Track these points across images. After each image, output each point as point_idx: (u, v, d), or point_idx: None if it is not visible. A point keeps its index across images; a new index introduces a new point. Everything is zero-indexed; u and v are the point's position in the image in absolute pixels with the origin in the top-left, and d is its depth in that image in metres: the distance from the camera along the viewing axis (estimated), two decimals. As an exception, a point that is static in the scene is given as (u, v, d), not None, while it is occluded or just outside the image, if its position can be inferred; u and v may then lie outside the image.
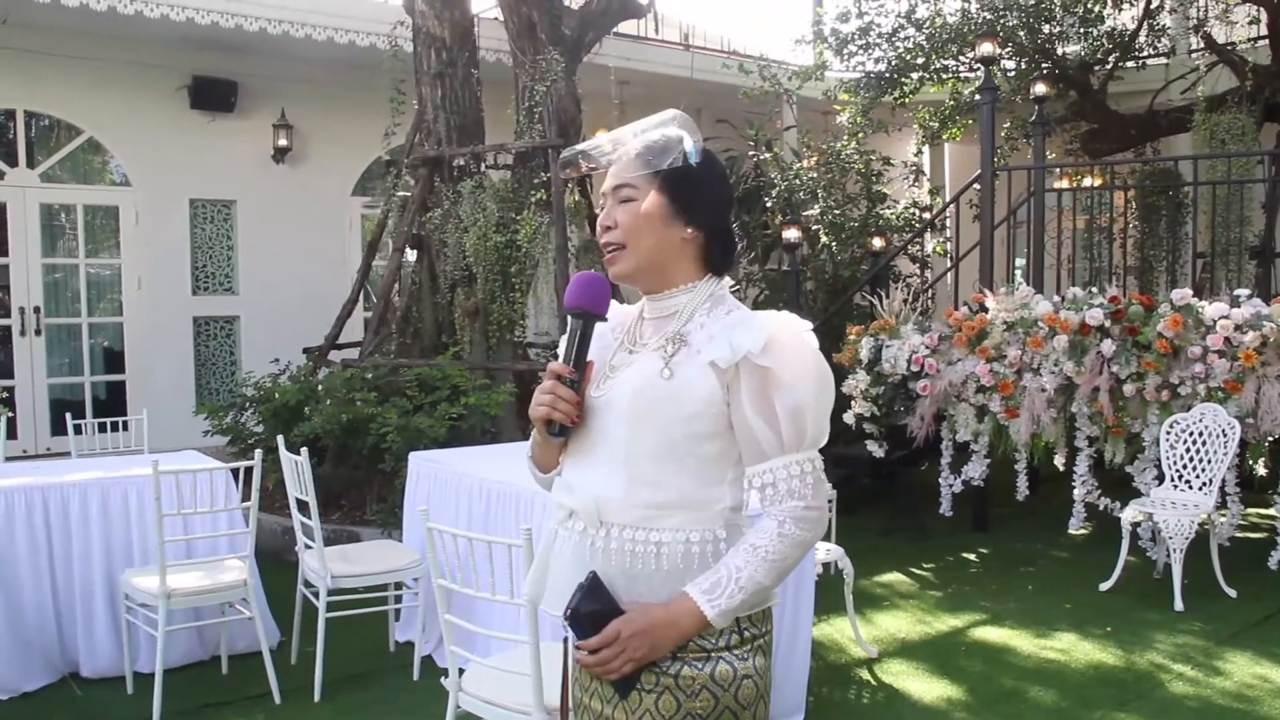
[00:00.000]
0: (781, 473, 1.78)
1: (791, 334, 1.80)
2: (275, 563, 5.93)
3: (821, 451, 1.86)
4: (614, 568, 1.79)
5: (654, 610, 1.74)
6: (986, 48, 7.33)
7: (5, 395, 5.06)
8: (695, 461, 1.79)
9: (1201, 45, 10.27)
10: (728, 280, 1.94)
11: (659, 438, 1.78)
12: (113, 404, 9.21)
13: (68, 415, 6.02)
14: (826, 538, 5.20)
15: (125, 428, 6.20)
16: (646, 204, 1.83)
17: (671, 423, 1.77)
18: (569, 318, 1.86)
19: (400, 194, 8.38)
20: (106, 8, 7.98)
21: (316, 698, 4.35)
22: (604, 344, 1.92)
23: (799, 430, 1.78)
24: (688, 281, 1.88)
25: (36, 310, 9.05)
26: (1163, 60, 10.82)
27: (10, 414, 5.55)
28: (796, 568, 4.13)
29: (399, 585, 4.84)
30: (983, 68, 7.62)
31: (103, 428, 6.12)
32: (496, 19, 8.57)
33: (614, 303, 2.01)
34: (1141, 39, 10.40)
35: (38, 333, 9.06)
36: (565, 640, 1.98)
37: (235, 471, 4.57)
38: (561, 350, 1.88)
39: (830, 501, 5.36)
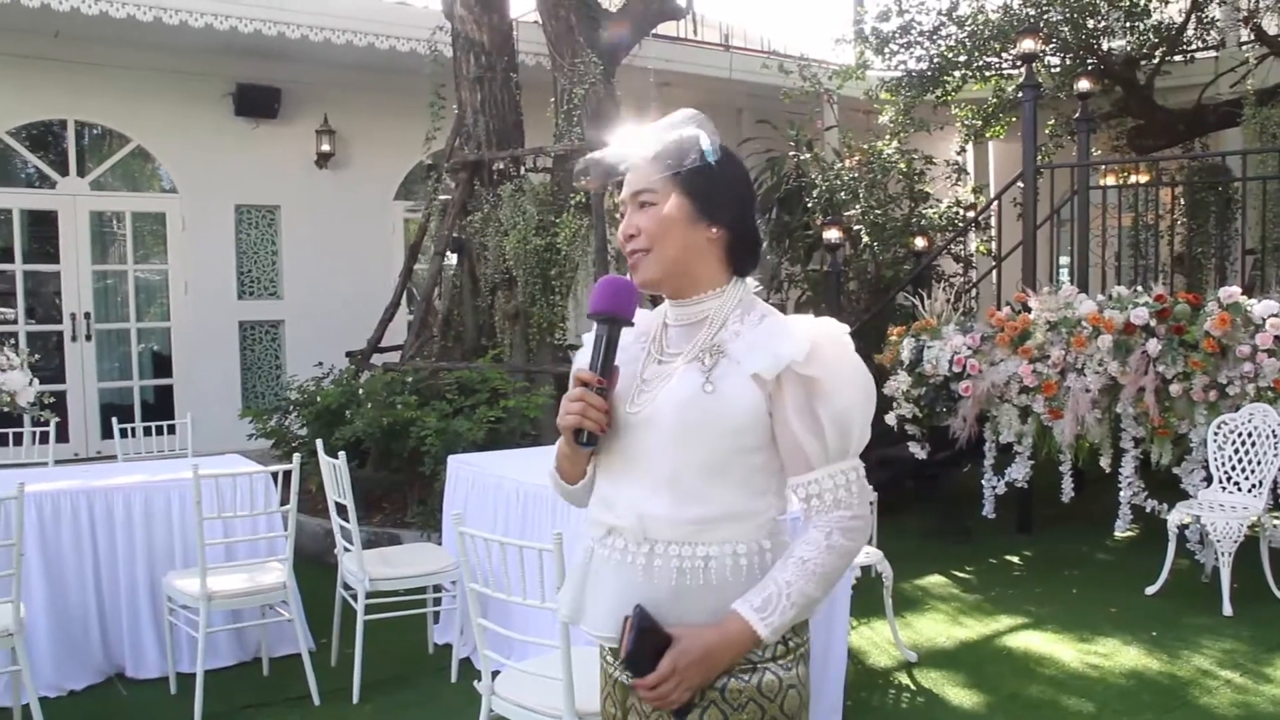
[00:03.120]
0: (827, 483, 1.75)
1: (833, 341, 1.76)
2: (318, 565, 6.00)
3: (864, 453, 1.83)
4: (659, 586, 1.76)
5: (707, 635, 1.71)
6: (1028, 44, 7.24)
7: (54, 400, 5.13)
8: (741, 474, 1.76)
9: (1251, 37, 10.08)
10: (753, 282, 1.89)
11: (706, 453, 1.75)
12: (161, 408, 9.37)
13: (114, 419, 6.11)
14: (868, 540, 5.17)
15: (171, 431, 6.29)
16: (669, 206, 1.79)
17: (718, 437, 1.74)
18: (595, 323, 1.82)
19: (441, 198, 8.45)
20: (152, 18, 8.11)
21: (355, 699, 4.39)
22: (630, 355, 1.87)
23: (844, 439, 1.75)
24: (715, 285, 1.84)
25: (87, 316, 9.23)
26: (1211, 53, 10.62)
27: (57, 419, 5.65)
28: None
29: (438, 588, 4.87)
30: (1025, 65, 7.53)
31: (148, 431, 6.22)
32: (535, 22, 8.60)
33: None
34: (1189, 32, 10.22)
35: (88, 338, 9.23)
36: (600, 650, 1.97)
37: (276, 475, 4.63)
38: (587, 357, 1.83)
39: (871, 504, 5.37)
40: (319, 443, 4.89)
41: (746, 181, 1.91)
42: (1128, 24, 9.96)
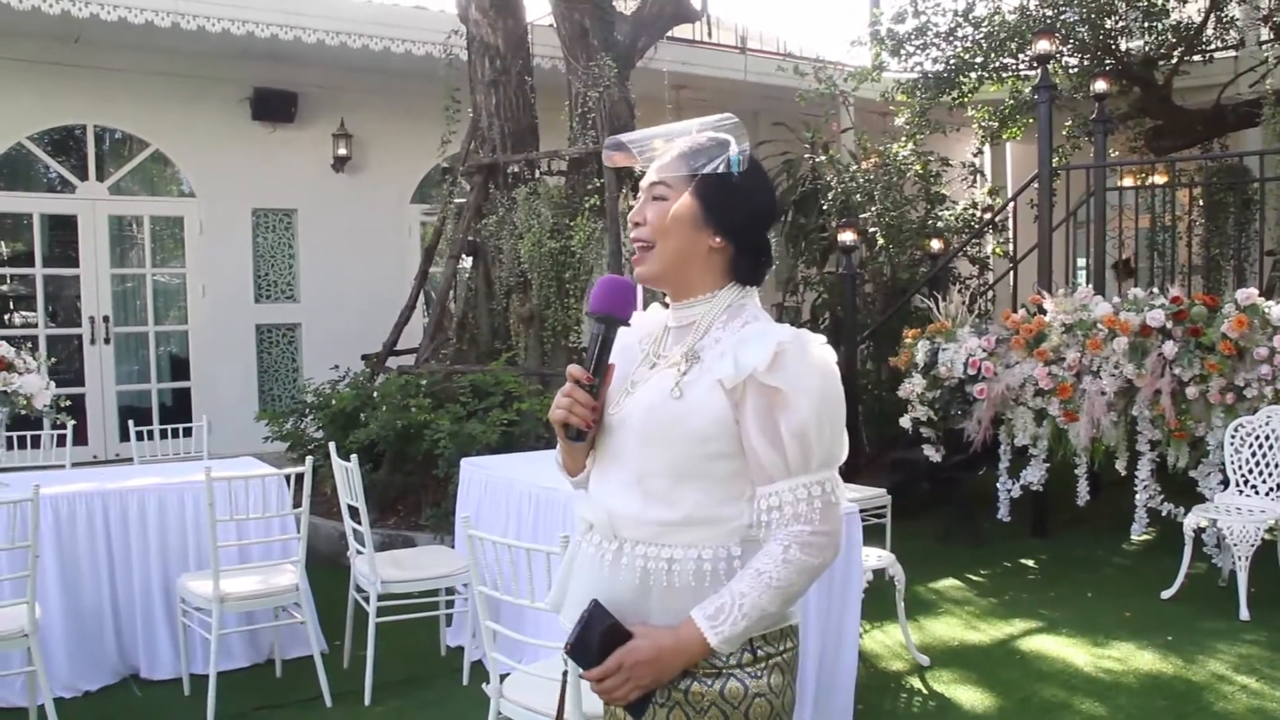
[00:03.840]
0: (788, 496, 1.73)
1: (799, 351, 1.73)
2: (333, 567, 6.02)
3: (878, 456, 1.83)
4: (625, 583, 1.79)
5: (662, 637, 1.73)
6: (1043, 45, 7.20)
7: (69, 404, 5.18)
8: (710, 481, 1.77)
9: (1271, 36, 10.01)
10: (752, 289, 1.88)
11: (672, 458, 1.76)
12: (179, 410, 9.43)
13: (130, 422, 6.15)
14: (881, 544, 5.17)
15: (188, 434, 6.33)
16: (677, 206, 1.80)
17: (683, 444, 1.75)
18: (593, 322, 1.85)
19: (456, 201, 8.48)
20: (170, 24, 8.17)
21: (367, 701, 4.40)
22: (630, 356, 1.90)
23: (805, 452, 1.72)
24: (709, 291, 1.84)
25: (106, 319, 9.29)
26: (1231, 53, 10.54)
27: (74, 422, 5.70)
28: (843, 580, 4.09)
29: (450, 590, 4.88)
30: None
31: (165, 434, 6.26)
32: (550, 25, 8.62)
33: (655, 306, 1.99)
34: (1208, 31, 10.14)
35: (107, 341, 9.30)
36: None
37: (288, 477, 4.65)
38: (587, 355, 1.87)
39: (885, 507, 5.38)
40: (332, 445, 4.92)
41: (767, 198, 1.89)
42: (1146, 24, 9.90)
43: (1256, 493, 5.70)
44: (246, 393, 9.77)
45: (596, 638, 1.74)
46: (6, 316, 9.25)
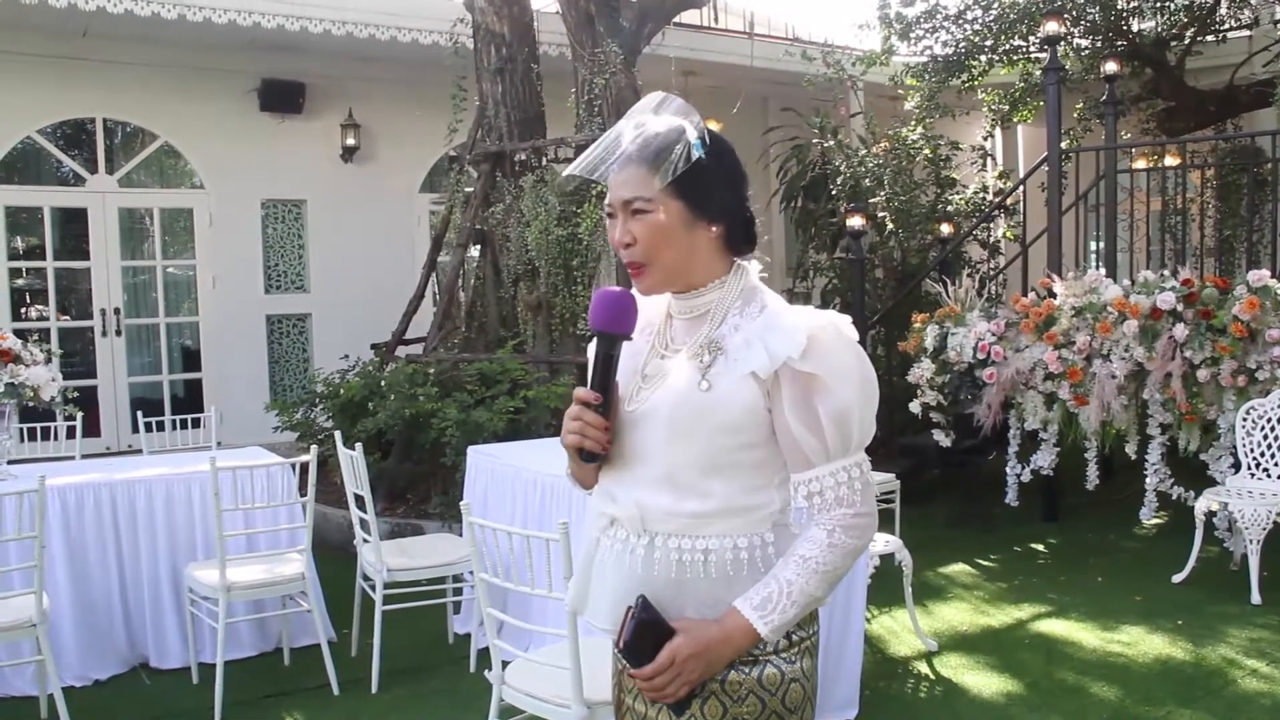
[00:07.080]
0: (829, 480, 1.72)
1: (831, 335, 1.71)
2: (344, 555, 6.03)
3: (888, 441, 1.79)
4: (659, 577, 1.75)
5: (708, 630, 1.70)
6: (1051, 26, 7.13)
7: (76, 395, 5.20)
8: (741, 470, 1.74)
9: (1286, 15, 9.90)
10: (756, 266, 1.84)
11: (701, 450, 1.72)
12: (190, 401, 9.45)
13: (139, 413, 6.17)
14: (891, 529, 5.16)
15: (197, 425, 6.35)
16: (666, 215, 1.73)
17: (713, 435, 1.71)
18: (595, 339, 1.79)
19: (464, 190, 8.46)
20: (176, 15, 8.17)
21: (374, 689, 4.42)
22: (634, 348, 1.84)
23: (844, 436, 1.71)
24: (716, 277, 1.79)
25: (117, 312, 9.32)
26: (1245, 33, 10.42)
27: (81, 413, 5.72)
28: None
29: (458, 578, 4.89)
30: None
31: (175, 425, 6.28)
32: (556, 13, 8.59)
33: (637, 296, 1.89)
34: (1222, 11, 10.03)
35: (118, 333, 9.33)
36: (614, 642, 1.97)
37: (295, 465, 4.66)
38: (590, 373, 1.79)
39: (894, 492, 5.35)
40: (337, 434, 4.93)
41: (735, 163, 1.82)
42: (1157, 4, 9.81)
43: (1268, 476, 5.66)
44: (257, 383, 9.79)
45: (649, 636, 1.71)
46: (21, 310, 9.28)
